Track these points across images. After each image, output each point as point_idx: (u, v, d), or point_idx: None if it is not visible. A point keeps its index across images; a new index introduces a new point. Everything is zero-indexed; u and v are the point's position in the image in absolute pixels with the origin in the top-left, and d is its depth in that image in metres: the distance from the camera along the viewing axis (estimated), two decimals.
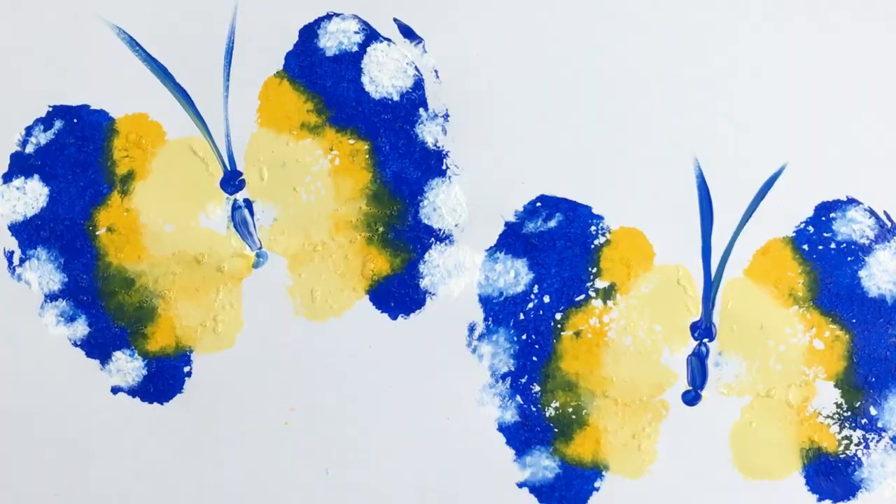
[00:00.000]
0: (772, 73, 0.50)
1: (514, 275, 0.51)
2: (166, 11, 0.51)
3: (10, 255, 0.51)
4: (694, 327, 0.50)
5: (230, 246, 0.51)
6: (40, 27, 0.51)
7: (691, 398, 0.50)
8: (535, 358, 0.51)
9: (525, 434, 0.51)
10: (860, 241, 0.50)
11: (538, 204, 0.51)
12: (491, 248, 0.51)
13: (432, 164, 0.51)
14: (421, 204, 0.51)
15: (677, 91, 0.51)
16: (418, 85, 0.51)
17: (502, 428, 0.51)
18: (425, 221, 0.51)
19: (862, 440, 0.49)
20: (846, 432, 0.50)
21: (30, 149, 0.51)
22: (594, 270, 0.50)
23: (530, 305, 0.51)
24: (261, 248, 0.51)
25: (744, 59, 0.51)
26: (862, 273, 0.50)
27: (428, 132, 0.51)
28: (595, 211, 0.50)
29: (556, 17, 0.51)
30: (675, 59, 0.51)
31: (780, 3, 0.51)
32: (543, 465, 0.51)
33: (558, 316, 0.51)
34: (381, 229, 0.51)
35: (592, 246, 0.50)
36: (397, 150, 0.51)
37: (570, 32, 0.51)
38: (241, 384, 0.51)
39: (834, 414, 0.50)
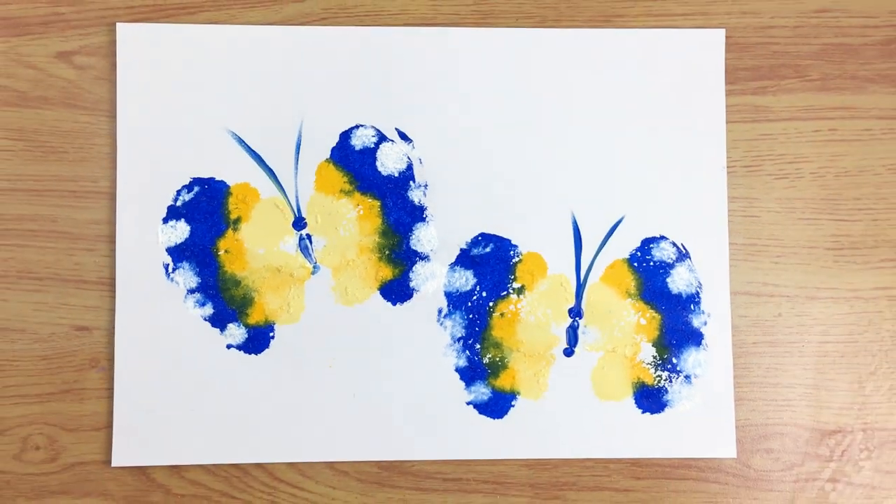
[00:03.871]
0: (614, 161, 0.59)
1: (465, 280, 0.59)
2: (261, 123, 0.59)
3: (166, 266, 0.59)
4: (570, 311, 0.59)
5: (298, 261, 0.59)
6: (185, 131, 0.59)
7: (569, 353, 0.59)
8: (477, 328, 0.59)
9: (471, 373, 0.59)
10: (667, 261, 0.60)
11: (479, 238, 0.59)
12: (452, 263, 0.59)
13: (417, 214, 0.59)
14: (411, 237, 0.59)
15: (562, 173, 0.59)
16: (409, 167, 0.59)
17: (457, 369, 0.59)
18: (413, 248, 0.59)
19: (668, 378, 0.59)
20: (659, 373, 0.60)
21: (179, 203, 0.59)
22: (512, 277, 0.59)
23: (474, 297, 0.59)
24: (316, 263, 0.58)
25: (597, 154, 0.59)
26: (668, 280, 0.60)
27: (415, 195, 0.59)
28: (513, 242, 0.59)
29: (492, 132, 0.59)
30: (560, 154, 0.59)
31: (611, 109, 0.58)
32: (482, 391, 0.59)
33: (491, 304, 0.59)
34: (387, 252, 0.58)
35: (511, 263, 0.59)
36: (397, 206, 0.59)
37: (500, 140, 0.59)
38: (304, 343, 0.58)
39: (651, 362, 0.60)
